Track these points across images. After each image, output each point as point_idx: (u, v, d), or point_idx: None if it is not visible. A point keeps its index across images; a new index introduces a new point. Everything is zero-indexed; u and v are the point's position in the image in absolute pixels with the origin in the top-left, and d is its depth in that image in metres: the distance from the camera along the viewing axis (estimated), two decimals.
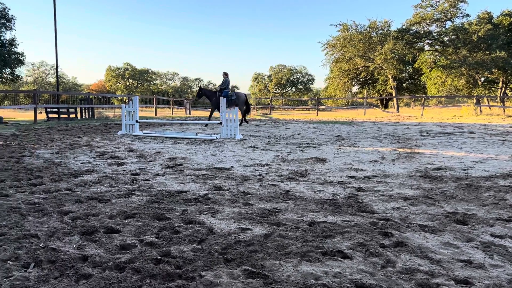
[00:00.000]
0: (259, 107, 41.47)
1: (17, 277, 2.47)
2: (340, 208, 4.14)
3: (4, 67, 25.52)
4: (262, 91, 75.17)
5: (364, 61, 38.03)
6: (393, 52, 33.34)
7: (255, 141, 10.76)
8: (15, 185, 5.07)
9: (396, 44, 33.71)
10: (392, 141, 10.73)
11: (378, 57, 34.46)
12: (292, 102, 54.29)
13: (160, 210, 3.99)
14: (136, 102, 13.16)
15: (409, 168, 6.57)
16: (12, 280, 2.44)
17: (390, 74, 36.04)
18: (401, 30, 35.55)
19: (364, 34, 36.64)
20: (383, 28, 37.08)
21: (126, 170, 6.29)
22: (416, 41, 35.71)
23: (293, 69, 74.73)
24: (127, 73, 76.32)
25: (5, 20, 24.74)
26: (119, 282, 2.41)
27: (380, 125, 17.86)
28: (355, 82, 44.19)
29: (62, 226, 3.45)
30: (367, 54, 37.31)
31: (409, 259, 2.82)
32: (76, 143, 9.92)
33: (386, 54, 33.56)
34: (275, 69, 75.82)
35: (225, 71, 17.15)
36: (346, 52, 37.81)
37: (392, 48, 33.41)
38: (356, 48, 36.43)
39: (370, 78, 41.72)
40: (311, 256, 2.84)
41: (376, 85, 42.89)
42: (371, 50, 36.72)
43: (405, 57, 34.93)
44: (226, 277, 2.51)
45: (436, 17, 34.18)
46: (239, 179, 5.70)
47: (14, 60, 25.36)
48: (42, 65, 72.89)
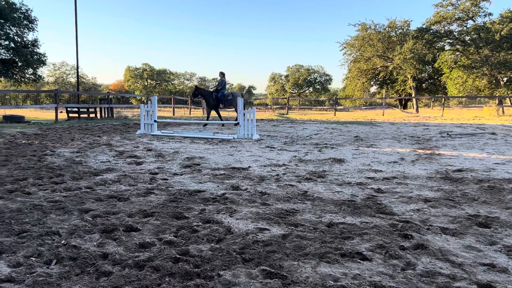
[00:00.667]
0: (276, 107, 41.40)
1: (39, 273, 2.52)
2: (358, 209, 4.10)
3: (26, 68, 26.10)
4: (279, 91, 75.04)
5: (383, 61, 37.62)
6: (412, 52, 32.88)
7: (272, 141, 10.74)
8: (37, 183, 5.18)
9: (416, 44, 33.23)
10: (412, 142, 10.58)
11: (397, 57, 34.04)
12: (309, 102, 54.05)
13: (178, 209, 4.02)
14: (154, 102, 13.29)
15: (429, 170, 6.46)
16: (35, 276, 2.48)
17: (410, 74, 35.55)
18: (421, 29, 35.02)
19: (383, 34, 36.25)
20: (402, 27, 36.63)
21: (145, 169, 6.35)
22: (436, 41, 35.10)
23: (310, 69, 74.38)
24: (146, 73, 77.16)
25: (28, 21, 25.29)
26: (139, 280, 2.43)
27: (399, 125, 17.64)
28: (374, 82, 43.74)
29: (82, 224, 3.51)
30: (386, 54, 36.90)
31: (429, 262, 2.77)
32: (96, 142, 10.07)
33: (406, 54, 33.11)
34: (292, 69, 75.60)
35: (221, 71, 16.91)
36: (364, 52, 37.48)
37: (412, 47, 32.95)
38: (374, 47, 36.07)
39: (389, 78, 41.22)
40: (330, 258, 2.82)
41: (395, 85, 42.35)
42: (390, 50, 36.31)
43: (425, 57, 34.38)
44: (244, 276, 2.51)
45: (458, 16, 33.55)
46: (256, 179, 5.70)
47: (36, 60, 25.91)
48: (63, 65, 74.28)
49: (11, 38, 24.56)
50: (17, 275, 2.51)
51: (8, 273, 2.53)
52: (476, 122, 19.89)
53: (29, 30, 25.70)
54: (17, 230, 3.33)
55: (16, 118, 18.16)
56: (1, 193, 4.60)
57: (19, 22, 24.57)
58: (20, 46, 24.67)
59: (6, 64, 24.91)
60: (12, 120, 17.78)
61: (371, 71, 39.75)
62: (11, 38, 24.57)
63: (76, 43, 23.37)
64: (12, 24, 24.18)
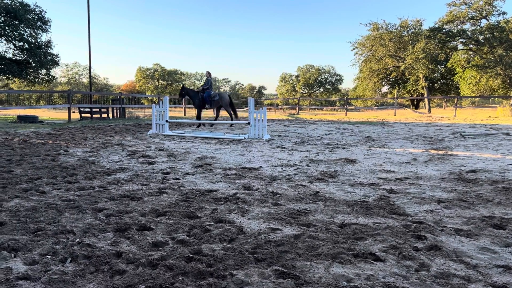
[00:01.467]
0: (286, 107, 41.36)
1: (55, 271, 2.55)
2: (371, 210, 4.07)
3: (40, 68, 26.44)
4: (289, 91, 74.94)
5: (394, 61, 37.34)
6: (425, 52, 32.58)
7: (283, 142, 10.73)
8: (52, 182, 5.24)
9: (428, 43, 32.93)
10: (424, 143, 10.49)
11: (409, 57, 33.76)
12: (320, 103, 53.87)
13: (190, 209, 4.04)
14: (166, 102, 13.37)
15: (442, 170, 6.40)
16: (50, 274, 2.52)
17: (422, 74, 35.24)
18: (433, 29, 34.69)
19: (395, 33, 35.99)
20: (414, 27, 36.32)
21: (157, 169, 6.40)
22: (449, 40, 34.74)
23: (321, 69, 74.13)
24: (157, 74, 77.62)
25: (41, 22, 25.61)
26: (152, 279, 2.45)
27: (411, 126, 17.49)
28: (385, 82, 43.45)
29: (96, 223, 3.55)
30: (397, 54, 36.62)
31: (444, 263, 2.75)
32: (108, 142, 10.16)
33: (418, 54, 32.83)
34: (303, 69, 75.44)
35: (208, 71, 16.45)
36: (376, 52, 37.25)
37: (424, 47, 32.66)
38: (386, 47, 35.83)
39: (400, 78, 40.90)
40: (343, 258, 2.81)
41: (406, 85, 42.01)
42: (402, 50, 36.03)
43: (437, 56, 34.06)
44: (257, 276, 2.52)
45: (471, 15, 33.17)
46: (267, 179, 5.70)
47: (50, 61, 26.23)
48: (75, 66, 75.11)
49: (25, 39, 24.90)
50: (33, 272, 2.54)
51: (24, 270, 2.57)
52: (489, 123, 19.64)
53: (42, 31, 26.04)
54: (32, 228, 3.37)
55: (30, 118, 18.42)
56: (16, 192, 4.67)
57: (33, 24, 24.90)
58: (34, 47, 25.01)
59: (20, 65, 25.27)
60: (26, 120, 18.04)
61: (382, 71, 39.49)
62: (25, 39, 24.91)
63: (88, 44, 23.62)
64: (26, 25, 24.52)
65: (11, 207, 4.01)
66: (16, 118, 19.07)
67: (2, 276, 2.48)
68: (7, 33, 24.40)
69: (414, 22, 36.22)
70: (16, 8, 23.41)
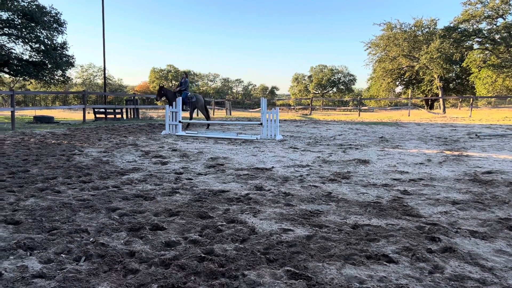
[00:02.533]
0: (299, 107, 41.24)
1: (69, 270, 2.59)
2: (384, 211, 4.04)
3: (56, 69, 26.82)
4: (302, 91, 74.76)
5: (408, 61, 36.97)
6: (439, 51, 32.18)
7: (295, 142, 10.71)
8: (66, 182, 5.32)
9: (443, 43, 32.51)
10: (439, 143, 10.36)
11: (424, 57, 33.38)
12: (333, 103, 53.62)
13: (203, 209, 4.06)
14: (179, 103, 13.45)
15: (457, 171, 6.31)
16: (65, 272, 2.55)
17: (436, 74, 34.82)
18: (448, 28, 34.22)
19: (409, 33, 35.62)
20: (429, 26, 35.91)
21: (170, 169, 6.44)
22: (464, 40, 34.23)
23: (334, 69, 73.80)
24: (170, 75, 78.15)
25: (57, 24, 25.99)
26: (165, 278, 2.47)
27: (426, 126, 17.29)
28: (399, 82, 43.03)
29: (110, 222, 3.59)
30: (412, 54, 36.24)
31: (458, 266, 2.71)
32: (122, 142, 10.27)
33: (432, 53, 32.45)
34: (316, 69, 75.19)
35: (185, 71, 16.46)
36: (390, 52, 36.93)
37: (439, 47, 32.26)
38: (400, 47, 35.49)
39: (415, 78, 40.47)
40: (355, 259, 2.79)
41: (421, 85, 41.53)
42: (416, 49, 35.64)
43: (452, 56, 33.61)
44: (268, 277, 2.52)
45: (487, 14, 32.64)
46: (280, 179, 5.69)
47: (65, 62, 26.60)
48: (90, 67, 76.06)
49: (42, 41, 25.30)
50: (48, 271, 2.58)
51: (40, 269, 2.61)
52: (506, 123, 19.30)
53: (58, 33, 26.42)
54: (47, 227, 3.43)
55: (46, 118, 18.71)
56: (32, 191, 4.75)
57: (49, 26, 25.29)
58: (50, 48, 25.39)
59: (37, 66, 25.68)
60: (42, 121, 18.32)
61: (396, 71, 39.13)
62: (42, 41, 25.31)
63: (103, 45, 23.89)
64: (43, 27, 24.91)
65: (27, 206, 4.08)
66: (33, 118, 19.38)
67: (18, 274, 2.52)
68: (24, 35, 24.83)
69: (428, 22, 35.81)
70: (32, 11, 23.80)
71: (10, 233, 3.28)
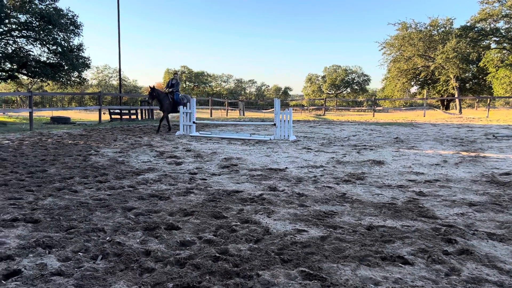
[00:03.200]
0: (312, 108, 41.09)
1: (87, 268, 2.63)
2: (399, 213, 4.01)
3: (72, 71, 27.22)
4: (315, 92, 74.50)
5: (424, 61, 36.55)
6: (456, 51, 31.74)
7: (309, 143, 10.68)
8: (83, 182, 5.40)
9: (459, 42, 32.06)
10: (455, 144, 10.22)
11: (440, 56, 32.96)
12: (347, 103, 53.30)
13: (217, 209, 4.08)
14: (193, 104, 13.53)
15: (474, 173, 6.22)
16: (82, 270, 2.60)
17: (452, 74, 34.34)
18: (465, 27, 33.76)
19: (424, 33, 35.23)
20: (445, 25, 35.46)
21: (184, 169, 6.49)
22: (481, 39, 33.72)
23: (348, 69, 73.38)
24: (184, 76, 78.62)
25: (74, 26, 26.39)
26: (180, 277, 2.49)
27: (441, 127, 17.07)
28: (414, 82, 42.56)
29: (126, 222, 3.63)
30: (427, 53, 35.83)
31: (475, 268, 2.68)
32: (137, 142, 10.37)
33: (448, 53, 32.02)
34: (330, 69, 74.86)
35: (175, 71, 14.55)
36: (404, 52, 36.57)
37: (455, 46, 31.82)
38: (415, 47, 35.11)
39: (430, 78, 39.98)
40: (370, 261, 2.78)
41: (436, 85, 41.01)
42: (431, 49, 35.22)
43: (469, 55, 33.11)
44: (283, 277, 2.52)
45: (504, 13, 32.08)
46: (293, 180, 5.69)
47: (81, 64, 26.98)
48: (105, 68, 77.04)
49: (59, 43, 25.71)
50: (66, 269, 2.63)
51: (58, 267, 2.66)
52: None
53: (75, 35, 26.81)
54: (65, 226, 3.49)
55: (63, 119, 19.01)
56: (50, 190, 4.84)
57: (66, 28, 25.69)
58: (66, 50, 25.79)
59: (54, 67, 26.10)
60: (59, 121, 18.63)
61: (411, 71, 38.72)
62: (59, 43, 25.72)
63: (118, 47, 24.17)
64: (60, 29, 25.32)
65: (45, 205, 4.15)
66: (50, 119, 19.72)
67: (37, 272, 2.58)
68: (42, 37, 25.27)
69: (444, 21, 35.36)
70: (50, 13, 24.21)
71: (30, 232, 3.35)
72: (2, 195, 4.54)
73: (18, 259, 2.78)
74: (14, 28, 24.73)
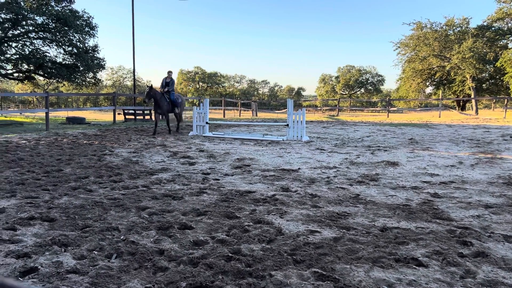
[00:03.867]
0: (325, 108, 40.92)
1: (101, 266, 2.67)
2: (414, 214, 3.97)
3: (87, 72, 27.58)
4: (329, 92, 74.12)
5: (439, 61, 36.10)
6: (472, 51, 31.28)
7: (322, 143, 10.64)
8: (98, 181, 5.47)
9: (476, 42, 31.60)
10: (471, 145, 10.07)
11: (455, 56, 32.53)
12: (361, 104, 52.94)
13: (230, 209, 4.09)
14: (206, 104, 13.59)
15: (490, 174, 6.13)
16: (97, 268, 2.63)
17: (469, 74, 33.85)
18: (481, 27, 33.27)
19: (440, 32, 34.81)
20: (461, 25, 34.98)
21: (197, 170, 6.52)
22: (498, 38, 33.19)
23: (362, 69, 72.84)
24: (197, 76, 79.01)
25: (89, 28, 26.73)
26: (193, 277, 2.51)
27: (457, 128, 16.84)
28: (429, 82, 42.05)
29: (140, 221, 3.67)
30: (443, 53, 35.39)
31: (491, 271, 2.64)
32: (151, 143, 10.46)
33: (465, 53, 31.58)
34: (343, 69, 74.41)
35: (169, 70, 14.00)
36: (419, 52, 36.19)
37: (471, 46, 31.37)
38: (431, 47, 34.72)
39: (445, 78, 39.46)
40: (384, 262, 2.75)
41: (452, 85, 40.45)
42: (447, 49, 34.78)
43: (485, 55, 32.61)
44: (295, 278, 2.52)
45: None
46: (306, 181, 5.67)
47: (96, 65, 27.31)
48: (120, 69, 77.86)
49: (74, 44, 26.08)
50: (82, 267, 2.67)
51: (74, 265, 2.70)
52: None
53: (90, 36, 27.15)
54: (80, 225, 3.54)
55: (78, 119, 19.26)
56: (66, 190, 4.91)
57: (81, 29, 26.03)
58: (82, 51, 26.13)
59: (69, 68, 26.47)
60: (74, 122, 18.88)
61: (426, 71, 38.28)
62: (74, 44, 26.09)
63: (133, 48, 24.44)
64: (75, 31, 25.66)
65: (61, 204, 4.22)
66: (65, 119, 20.00)
67: (54, 270, 2.62)
68: (58, 39, 25.65)
69: (460, 21, 34.89)
70: (66, 15, 24.57)
71: (46, 230, 3.40)
72: (19, 194, 4.63)
73: (34, 256, 2.83)
74: (31, 30, 25.14)
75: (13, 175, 5.80)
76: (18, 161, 7.05)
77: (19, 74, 27.13)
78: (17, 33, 24.87)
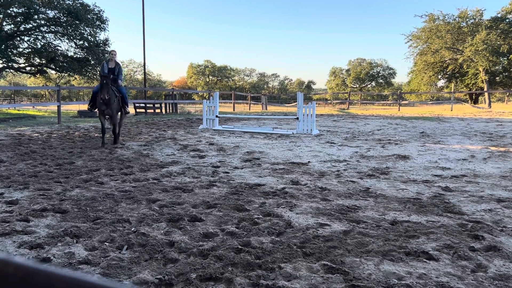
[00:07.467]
0: (336, 102, 40.69)
1: (112, 258, 2.70)
2: (424, 208, 3.94)
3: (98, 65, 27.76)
4: (339, 85, 73.63)
5: (452, 53, 35.60)
6: (485, 43, 30.77)
7: (332, 137, 10.59)
8: (109, 174, 5.52)
9: (490, 34, 31.06)
10: (483, 139, 9.95)
11: (468, 49, 32.03)
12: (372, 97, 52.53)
13: (239, 202, 4.10)
14: (216, 98, 13.60)
15: (503, 168, 6.05)
16: (108, 260, 2.66)
17: (482, 67, 33.34)
18: (495, 18, 32.67)
19: (452, 25, 34.28)
20: (474, 17, 34.39)
21: (207, 163, 6.54)
22: None
23: (373, 62, 72.16)
24: (207, 70, 79.01)
25: (100, 22, 26.84)
26: (203, 268, 2.52)
27: (469, 121, 16.63)
28: (441, 75, 41.53)
29: (150, 213, 3.70)
30: (455, 46, 34.88)
31: (503, 265, 2.61)
32: (162, 136, 10.51)
33: (478, 46, 31.07)
34: (354, 63, 73.79)
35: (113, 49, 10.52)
36: (432, 44, 35.69)
37: (485, 38, 30.84)
38: (443, 39, 34.22)
39: (458, 71, 38.92)
40: (394, 256, 2.74)
41: (464, 78, 39.90)
42: (460, 42, 34.26)
43: (499, 48, 32.03)
44: (305, 270, 2.52)
45: None
46: (316, 174, 5.66)
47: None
48: (130, 63, 78.18)
49: (85, 38, 26.22)
50: (93, 258, 2.70)
51: (85, 255, 2.73)
52: None
53: (101, 30, 27.27)
54: (92, 216, 3.58)
55: (89, 113, 19.41)
56: (77, 182, 4.96)
57: (92, 23, 26.15)
58: (93, 45, 26.27)
59: (81, 62, 26.65)
60: (86, 115, 19.04)
61: (438, 64, 37.78)
62: (85, 38, 26.23)
63: (143, 42, 24.50)
64: (86, 24, 25.79)
65: (73, 196, 4.27)
66: (77, 113, 20.18)
67: (66, 260, 2.66)
68: (69, 33, 25.82)
69: (474, 12, 34.29)
70: (77, 9, 24.69)
71: (58, 221, 3.45)
72: (32, 186, 4.69)
73: (47, 247, 2.87)
74: (42, 24, 25.34)
75: (26, 167, 5.88)
76: (31, 153, 7.14)
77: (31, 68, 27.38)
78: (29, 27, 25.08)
